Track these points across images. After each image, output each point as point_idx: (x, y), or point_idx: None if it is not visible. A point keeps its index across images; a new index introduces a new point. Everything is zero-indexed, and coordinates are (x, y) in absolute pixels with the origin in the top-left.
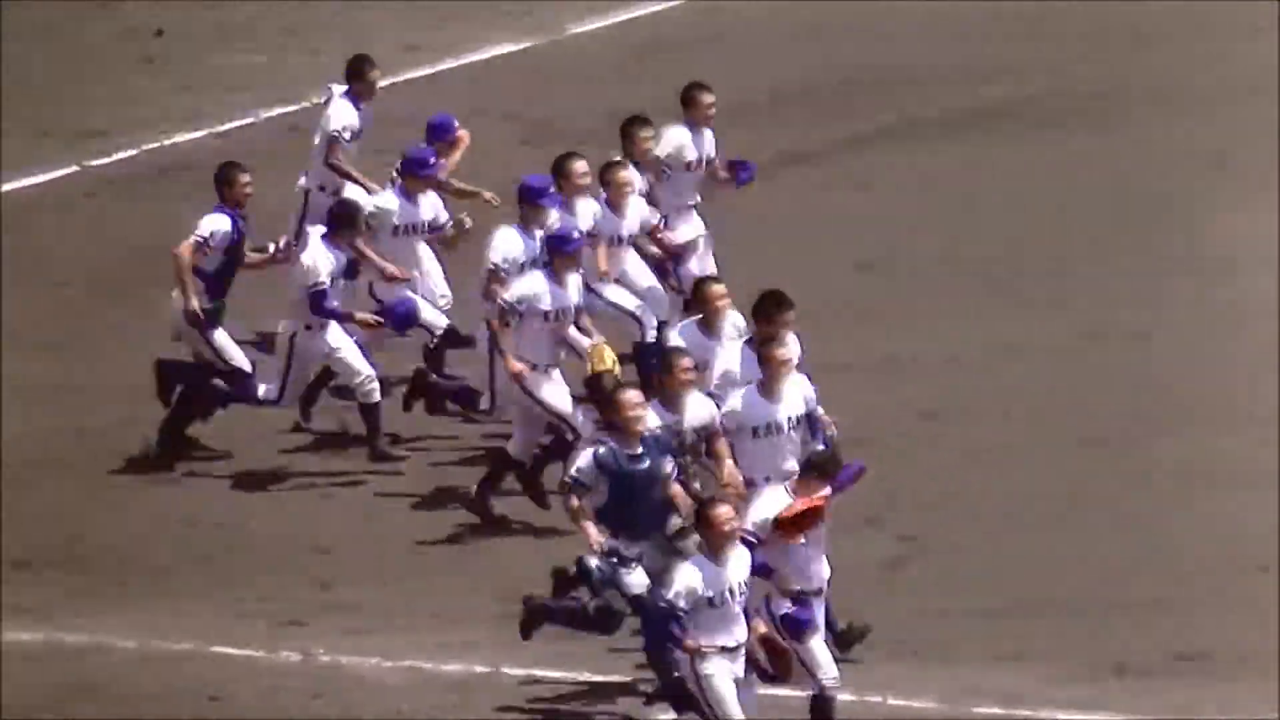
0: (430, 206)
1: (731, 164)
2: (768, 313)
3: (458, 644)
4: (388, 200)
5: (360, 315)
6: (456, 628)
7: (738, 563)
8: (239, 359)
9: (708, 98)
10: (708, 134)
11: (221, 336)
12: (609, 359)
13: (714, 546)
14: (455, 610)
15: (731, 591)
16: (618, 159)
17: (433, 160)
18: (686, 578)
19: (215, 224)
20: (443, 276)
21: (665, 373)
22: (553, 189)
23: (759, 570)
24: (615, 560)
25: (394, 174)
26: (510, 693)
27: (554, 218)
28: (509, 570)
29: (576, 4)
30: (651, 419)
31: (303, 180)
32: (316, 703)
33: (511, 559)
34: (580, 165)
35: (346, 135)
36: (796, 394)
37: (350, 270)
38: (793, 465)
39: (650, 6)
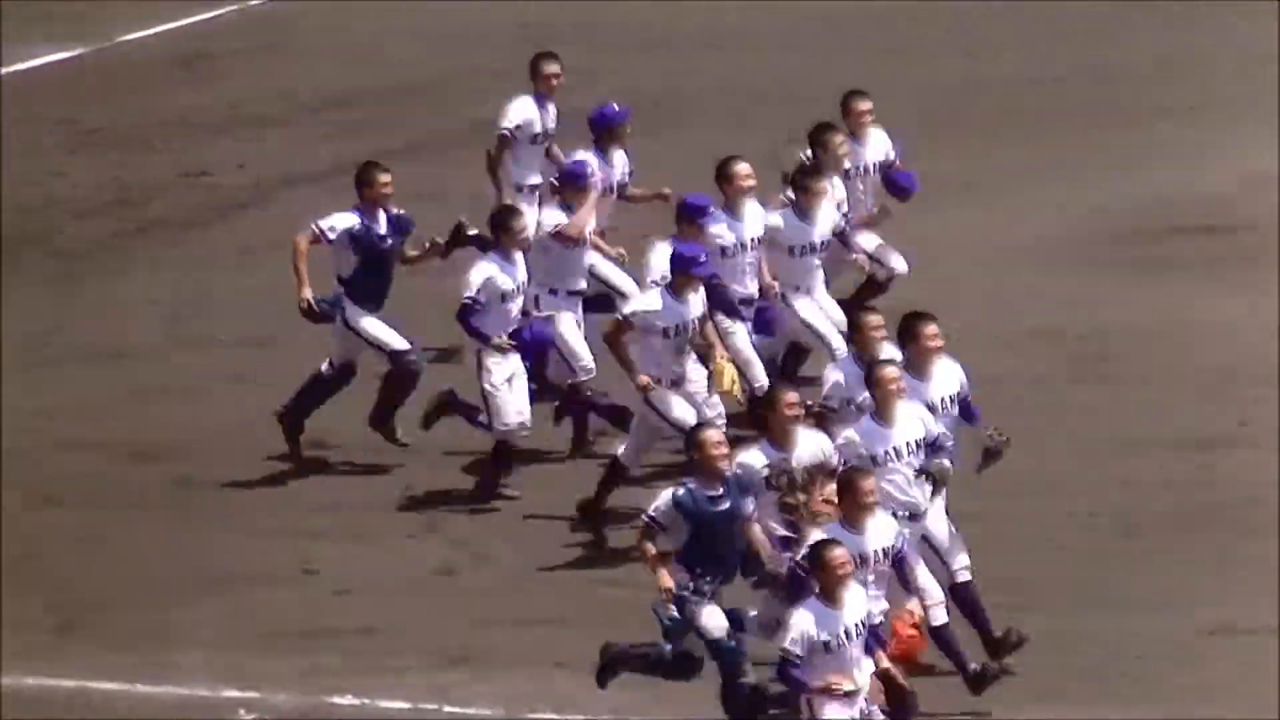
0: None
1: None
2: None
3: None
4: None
5: (497, 341)
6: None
7: (854, 603)
8: (394, 341)
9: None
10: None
11: (370, 324)
12: (728, 379)
13: (828, 588)
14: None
15: (848, 633)
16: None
17: (590, 171)
18: (800, 622)
19: (337, 219)
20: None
21: (769, 408)
22: (713, 207)
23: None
24: (692, 600)
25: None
26: None
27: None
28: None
29: (126, 11)
30: (758, 457)
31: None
32: None
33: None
34: (744, 167)
35: (520, 133)
36: (914, 418)
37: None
38: (915, 495)
39: (201, 14)
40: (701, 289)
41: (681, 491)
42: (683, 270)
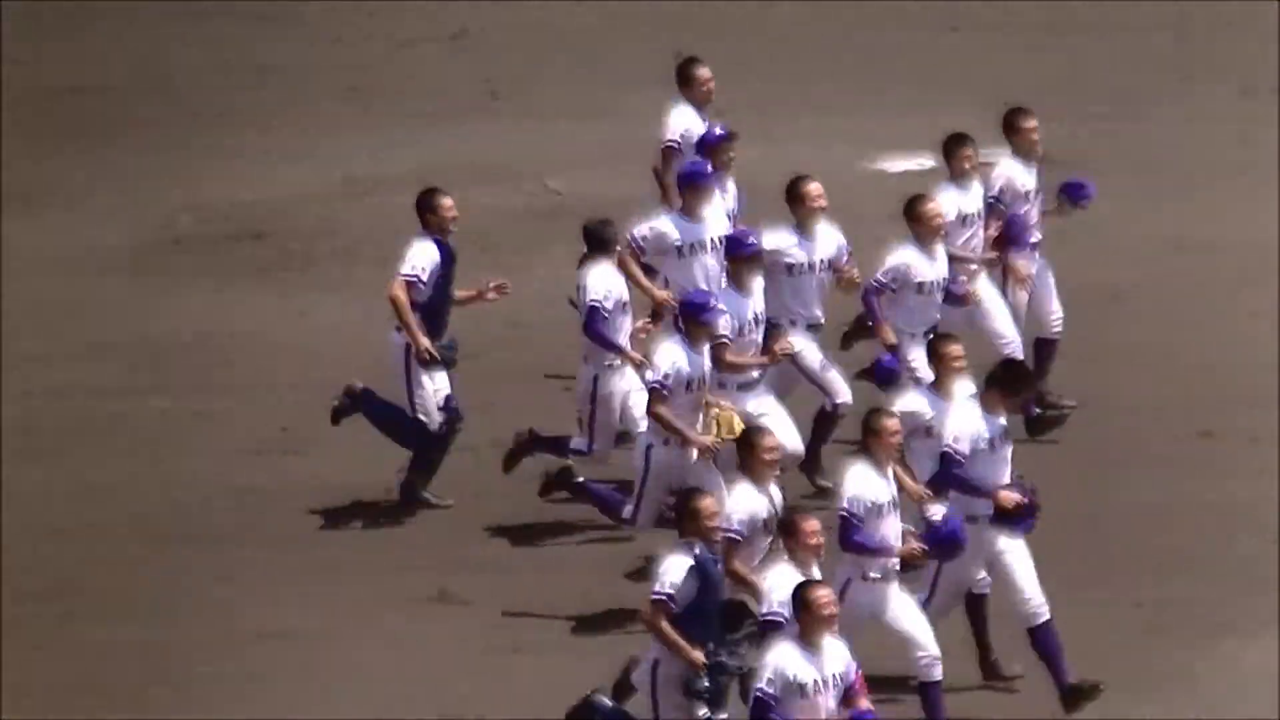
0: (716, 222)
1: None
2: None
3: None
4: (664, 223)
5: (629, 351)
6: None
7: (834, 652)
8: (429, 415)
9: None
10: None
11: (426, 386)
12: (737, 426)
13: (810, 631)
14: None
15: (825, 682)
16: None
17: (709, 170)
18: (777, 662)
19: (423, 256)
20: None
21: (748, 453)
22: (751, 238)
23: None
24: (731, 666)
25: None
26: None
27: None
28: None
29: None
30: (743, 501)
31: None
32: None
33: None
34: (815, 186)
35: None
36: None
37: None
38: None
39: None
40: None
41: (696, 552)
42: (695, 318)
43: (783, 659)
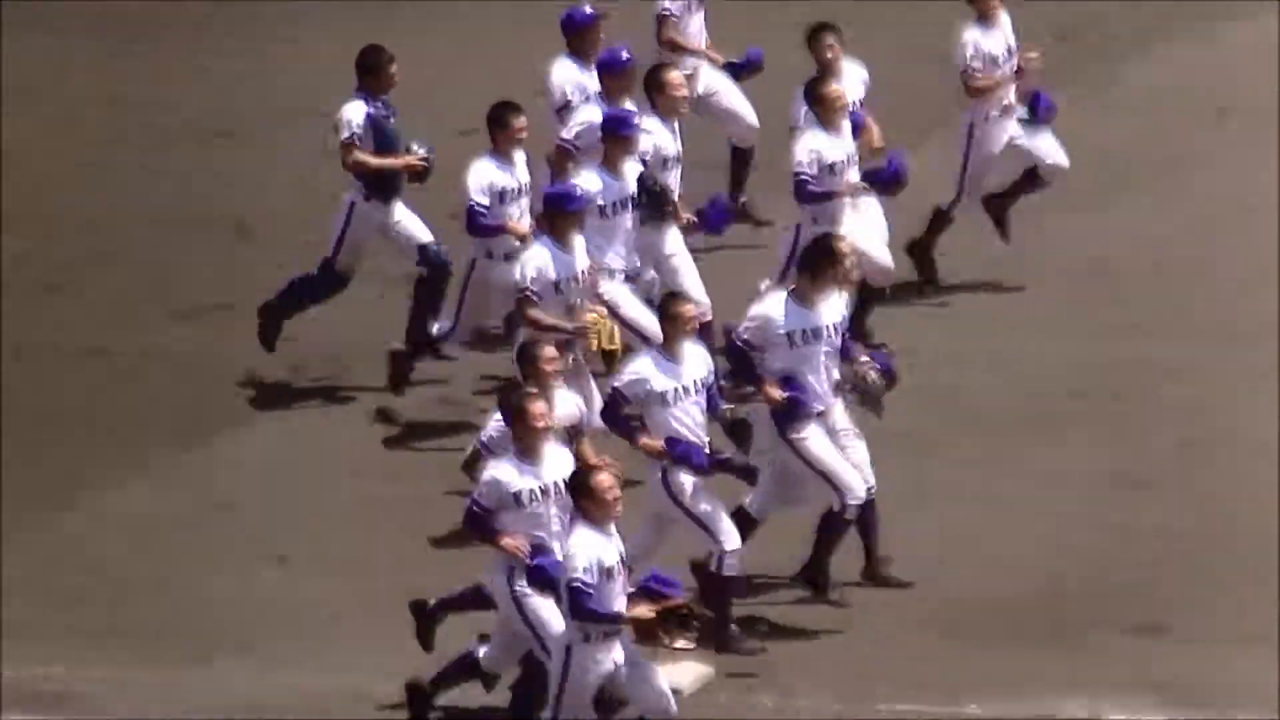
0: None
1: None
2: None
3: None
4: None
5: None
6: None
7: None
8: (345, 269)
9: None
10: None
11: (360, 245)
12: (617, 337)
13: (600, 518)
14: None
15: (624, 560)
16: None
17: (635, 119)
18: (586, 547)
19: (355, 113)
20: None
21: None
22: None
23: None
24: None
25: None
26: None
27: None
28: None
29: None
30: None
31: None
32: None
33: None
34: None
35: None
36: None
37: None
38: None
39: None
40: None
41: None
42: (560, 209)
43: (588, 545)
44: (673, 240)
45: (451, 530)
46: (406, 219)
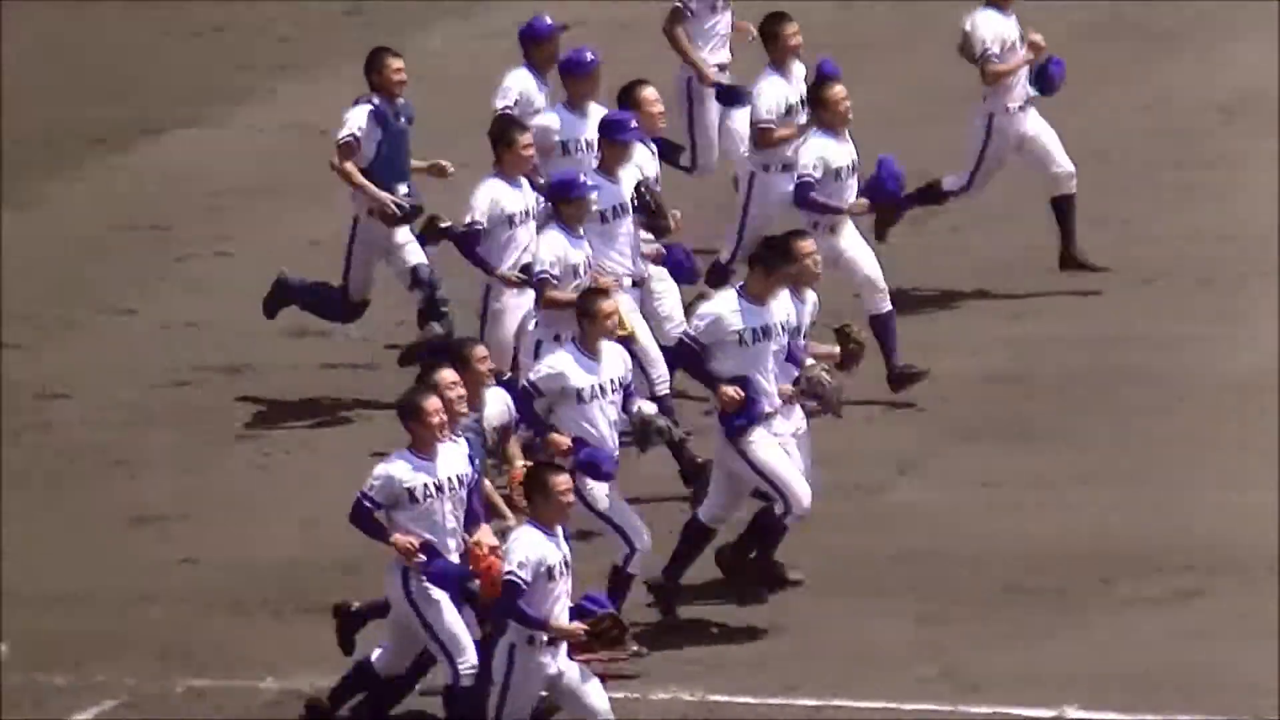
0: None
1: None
2: None
3: None
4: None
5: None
6: None
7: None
8: (358, 291)
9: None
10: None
11: (368, 264)
12: (629, 325)
13: (550, 518)
14: None
15: (567, 564)
16: None
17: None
18: (527, 544)
19: (358, 118)
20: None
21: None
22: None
23: None
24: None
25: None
26: None
27: None
28: None
29: None
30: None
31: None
32: None
33: None
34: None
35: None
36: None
37: None
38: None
39: None
40: None
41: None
42: (565, 197)
43: (530, 542)
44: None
45: None
46: (409, 241)
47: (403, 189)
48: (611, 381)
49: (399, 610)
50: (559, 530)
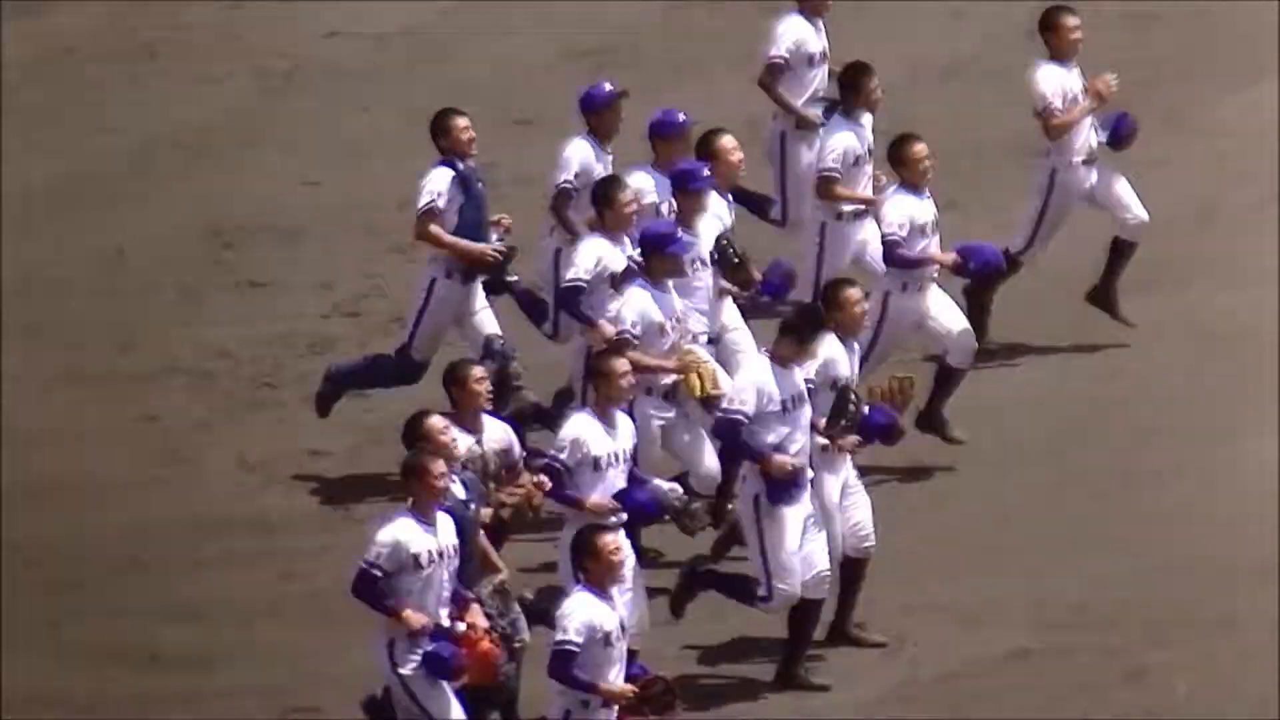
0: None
1: None
2: None
3: None
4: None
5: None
6: None
7: (618, 599)
8: (421, 351)
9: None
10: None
11: (439, 327)
12: (721, 382)
13: (601, 578)
14: None
15: (623, 628)
16: None
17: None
18: (580, 610)
19: (439, 182)
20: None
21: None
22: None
23: None
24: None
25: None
26: None
27: None
28: None
29: None
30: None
31: None
32: None
33: None
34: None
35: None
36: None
37: None
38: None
39: None
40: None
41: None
42: (659, 250)
43: (584, 607)
44: (730, 313)
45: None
46: (483, 309)
47: (494, 238)
48: (624, 451)
49: (392, 689)
50: (614, 593)
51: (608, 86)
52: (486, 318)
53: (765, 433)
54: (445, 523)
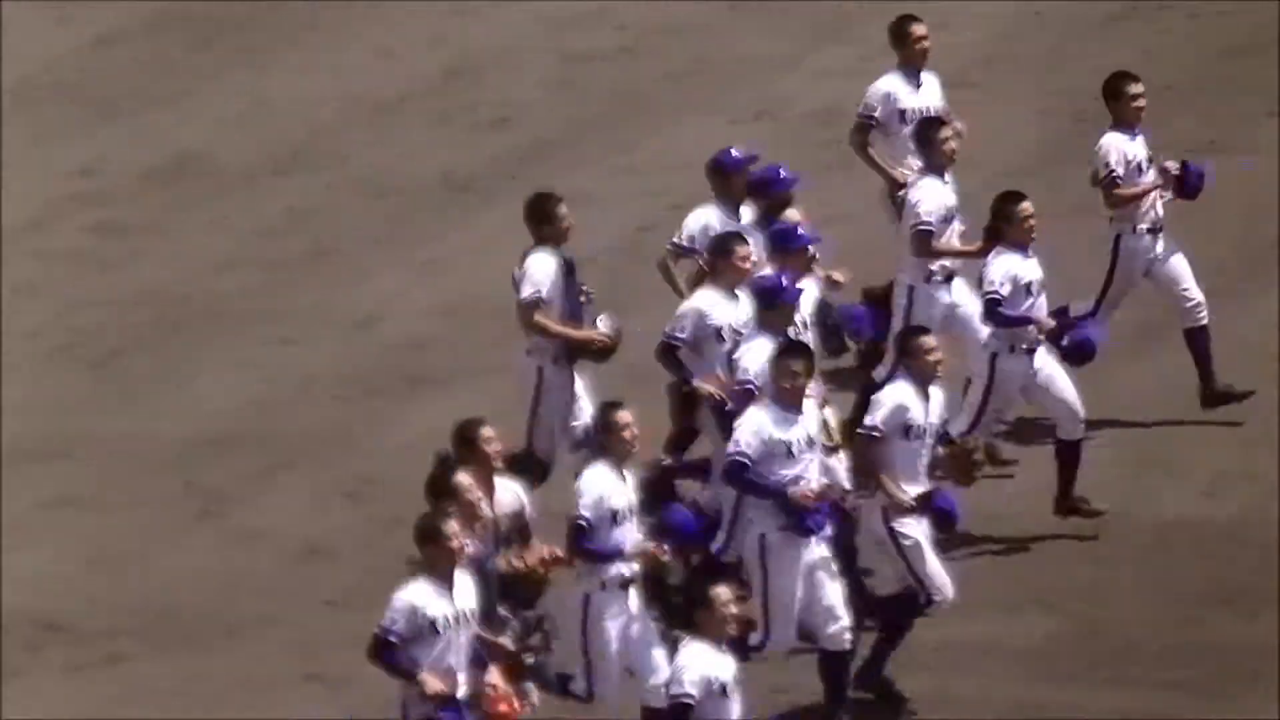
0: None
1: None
2: None
3: None
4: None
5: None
6: None
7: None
8: (545, 450)
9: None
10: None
11: (552, 415)
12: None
13: (715, 634)
14: None
15: (739, 681)
16: None
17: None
18: (696, 662)
19: (541, 269)
20: None
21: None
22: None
23: None
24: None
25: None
26: None
27: None
28: None
29: None
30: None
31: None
32: None
33: None
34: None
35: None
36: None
37: None
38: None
39: None
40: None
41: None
42: (772, 301)
43: (699, 659)
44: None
45: None
46: (584, 396)
47: (603, 323)
48: (632, 505)
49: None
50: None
51: (735, 151)
52: (585, 405)
53: (773, 476)
54: (464, 585)
